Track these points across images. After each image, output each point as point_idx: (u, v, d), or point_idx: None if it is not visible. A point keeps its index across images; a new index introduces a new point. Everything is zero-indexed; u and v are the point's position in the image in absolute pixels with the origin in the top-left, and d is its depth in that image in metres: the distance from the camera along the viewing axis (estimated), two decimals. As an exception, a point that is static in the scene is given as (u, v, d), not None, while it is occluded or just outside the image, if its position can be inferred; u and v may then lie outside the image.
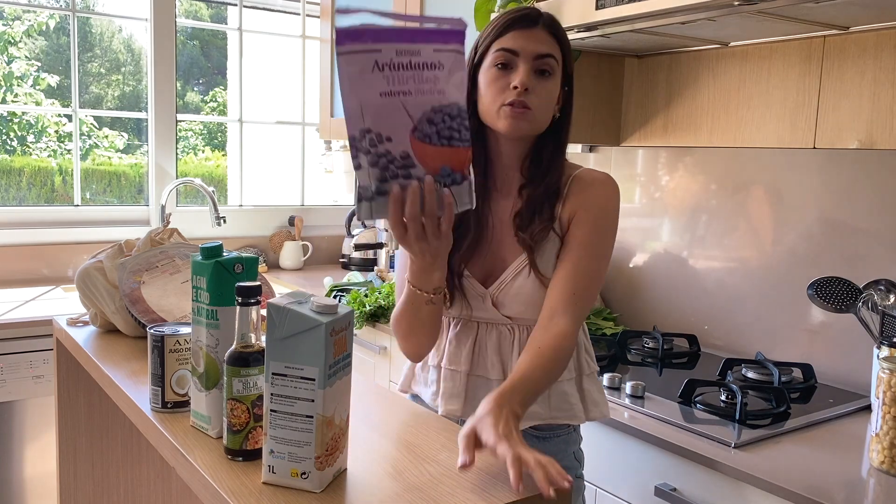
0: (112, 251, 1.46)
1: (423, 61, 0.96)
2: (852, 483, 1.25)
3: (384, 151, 0.97)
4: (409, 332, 1.24)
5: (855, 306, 1.61)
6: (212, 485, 0.84)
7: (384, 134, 0.96)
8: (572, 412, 1.29)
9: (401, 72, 0.95)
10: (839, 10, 1.50)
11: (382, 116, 0.96)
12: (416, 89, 0.96)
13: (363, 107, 0.95)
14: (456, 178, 1.01)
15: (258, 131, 3.43)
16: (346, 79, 0.94)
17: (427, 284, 1.14)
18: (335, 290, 2.51)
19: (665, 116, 2.13)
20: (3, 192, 3.57)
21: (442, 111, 0.98)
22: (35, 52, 4.62)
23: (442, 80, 0.97)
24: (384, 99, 0.95)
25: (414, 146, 0.97)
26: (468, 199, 1.02)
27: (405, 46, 0.95)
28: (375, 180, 0.98)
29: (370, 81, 0.95)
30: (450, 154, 0.99)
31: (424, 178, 0.99)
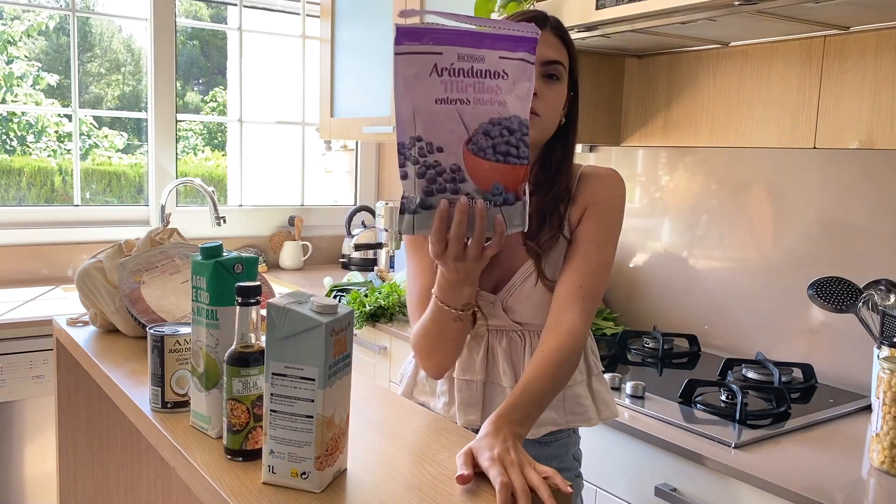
0: (112, 251, 1.46)
1: (486, 69, 0.90)
2: (852, 483, 1.25)
3: (433, 163, 0.91)
4: (434, 351, 1.19)
5: (855, 306, 1.61)
6: (212, 485, 0.84)
7: (436, 144, 0.90)
8: (586, 414, 1.29)
9: (461, 78, 0.90)
10: (839, 10, 1.50)
11: (436, 125, 0.90)
12: (476, 98, 0.90)
13: (416, 113, 0.90)
14: (508, 198, 0.94)
15: (258, 131, 3.43)
16: (402, 81, 0.89)
17: (456, 301, 1.11)
18: (335, 290, 2.51)
19: (665, 116, 2.13)
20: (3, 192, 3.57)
21: (501, 124, 0.92)
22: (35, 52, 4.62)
23: (504, 90, 0.91)
24: (440, 106, 0.90)
25: (467, 159, 0.91)
26: (520, 222, 0.96)
27: (468, 51, 0.90)
28: (421, 192, 0.92)
29: (427, 86, 0.89)
30: (504, 171, 0.92)
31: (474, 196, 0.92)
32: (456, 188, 0.92)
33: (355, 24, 2.90)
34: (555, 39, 1.21)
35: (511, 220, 0.95)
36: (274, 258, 3.20)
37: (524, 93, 0.92)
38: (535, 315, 1.25)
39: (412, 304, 1.27)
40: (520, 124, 0.92)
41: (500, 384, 1.26)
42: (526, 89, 0.92)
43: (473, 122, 0.91)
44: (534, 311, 1.25)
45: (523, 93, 0.92)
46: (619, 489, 1.52)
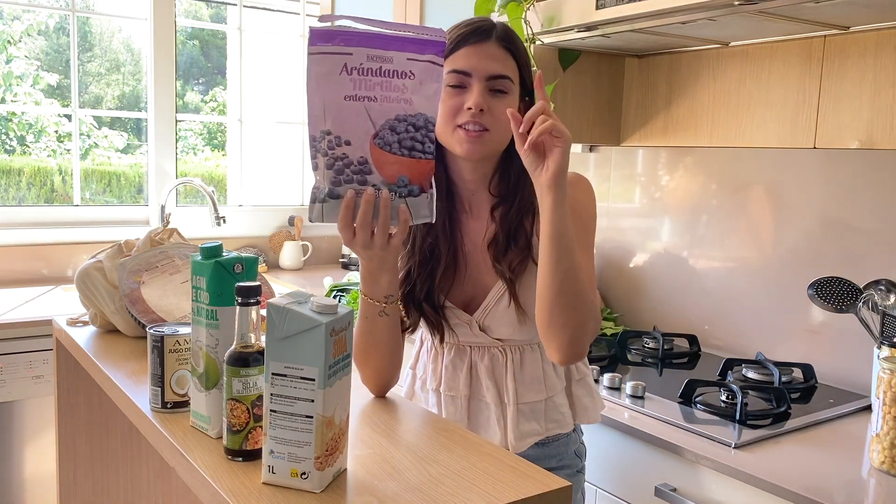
0: (112, 251, 1.46)
1: (393, 69, 0.96)
2: (852, 483, 1.25)
3: (341, 155, 0.96)
4: (368, 355, 1.15)
5: (855, 306, 1.61)
6: (212, 485, 0.84)
7: (343, 137, 0.96)
8: (563, 420, 1.29)
9: (369, 77, 0.95)
10: (839, 9, 1.50)
11: (344, 119, 0.95)
12: (383, 96, 0.96)
13: (326, 108, 0.95)
14: (413, 190, 0.99)
15: (258, 131, 3.43)
16: (314, 79, 0.94)
17: (376, 291, 1.09)
18: (335, 290, 2.51)
19: (665, 116, 2.13)
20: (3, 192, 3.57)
21: (406, 120, 0.97)
22: (35, 52, 4.62)
23: (411, 89, 0.96)
24: (348, 102, 0.95)
25: (373, 152, 0.97)
26: (427, 213, 1.01)
27: (377, 52, 0.95)
28: (329, 183, 0.97)
29: (336, 83, 0.94)
30: (409, 165, 0.98)
31: (380, 188, 0.97)
32: (363, 179, 0.98)
33: (355, 24, 2.90)
34: (500, 51, 1.17)
35: (417, 210, 1.00)
36: (274, 258, 3.20)
37: (432, 93, 0.98)
38: (513, 332, 1.25)
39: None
40: (426, 121, 0.98)
41: (484, 400, 1.27)
42: (433, 90, 0.98)
43: (380, 118, 0.96)
44: (510, 329, 1.24)
45: (431, 93, 0.98)
46: (619, 489, 1.52)
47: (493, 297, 1.24)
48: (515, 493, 0.83)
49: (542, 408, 1.27)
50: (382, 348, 1.15)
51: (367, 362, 1.16)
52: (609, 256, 2.32)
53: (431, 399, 1.32)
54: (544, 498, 0.84)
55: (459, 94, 1.16)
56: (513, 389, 1.25)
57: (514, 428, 1.25)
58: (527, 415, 1.26)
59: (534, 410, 1.27)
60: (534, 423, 1.26)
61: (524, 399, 1.26)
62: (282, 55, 3.65)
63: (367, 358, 1.16)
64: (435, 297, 1.24)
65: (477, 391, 1.28)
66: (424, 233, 1.24)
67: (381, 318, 1.12)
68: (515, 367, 1.26)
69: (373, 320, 1.12)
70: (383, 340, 1.14)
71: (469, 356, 1.28)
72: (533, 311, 1.20)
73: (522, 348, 1.27)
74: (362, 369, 1.17)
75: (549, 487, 0.85)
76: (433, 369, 1.31)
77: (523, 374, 1.26)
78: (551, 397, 1.28)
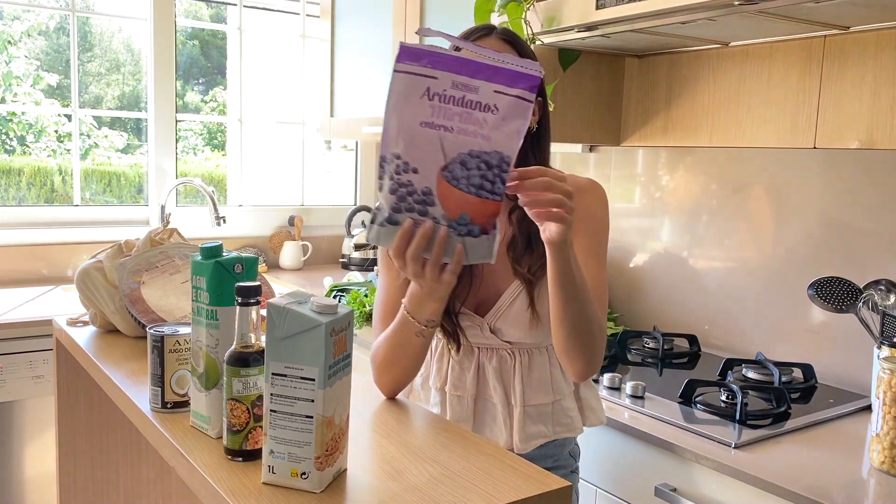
0: (112, 251, 1.46)
1: (477, 100, 0.91)
2: (852, 483, 1.25)
3: (407, 182, 0.93)
4: (392, 364, 1.17)
5: (855, 306, 1.60)
6: (212, 485, 0.84)
7: (412, 164, 0.92)
8: (572, 424, 1.30)
9: (450, 106, 0.91)
10: (839, 9, 1.50)
11: (416, 146, 0.91)
12: (459, 128, 0.91)
13: (400, 131, 0.91)
14: (473, 230, 0.95)
15: (258, 131, 3.43)
16: (394, 97, 0.91)
17: (420, 314, 1.10)
18: (335, 290, 2.51)
19: (665, 116, 2.13)
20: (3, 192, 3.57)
21: (480, 157, 0.92)
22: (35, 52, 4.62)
23: (491, 124, 0.91)
24: (423, 129, 0.91)
25: (439, 185, 0.92)
26: (486, 254, 0.96)
27: (464, 80, 0.91)
28: (390, 207, 0.94)
29: (415, 107, 0.91)
30: (474, 203, 0.93)
31: (440, 222, 0.94)
32: (424, 210, 0.94)
33: (355, 24, 2.90)
34: (502, 45, 1.19)
35: (474, 251, 0.96)
36: (274, 258, 3.19)
37: (514, 130, 0.92)
38: (524, 336, 1.25)
39: (377, 316, 1.28)
40: (500, 160, 0.93)
41: (490, 400, 1.27)
42: (516, 127, 0.92)
43: (452, 151, 0.92)
44: (522, 332, 1.25)
45: (513, 130, 0.92)
46: (619, 489, 1.52)
47: (505, 299, 1.24)
48: (515, 493, 0.83)
49: (549, 410, 1.27)
50: (408, 363, 1.16)
51: (389, 370, 1.17)
52: (609, 256, 2.31)
53: (434, 397, 1.31)
54: (544, 498, 0.84)
55: None
56: (520, 391, 1.25)
57: (520, 429, 1.25)
58: (533, 417, 1.26)
59: (540, 413, 1.27)
60: (540, 425, 1.27)
61: (531, 401, 1.26)
62: (282, 55, 3.65)
63: (389, 367, 1.17)
64: (451, 305, 1.25)
65: (484, 391, 1.28)
66: None
67: (416, 338, 1.13)
68: (524, 370, 1.26)
69: (408, 337, 1.13)
70: (411, 357, 1.16)
71: (477, 357, 1.28)
72: (546, 316, 1.21)
73: (531, 351, 1.27)
74: (380, 374, 1.19)
75: (549, 487, 0.85)
76: (438, 368, 1.31)
77: (531, 377, 1.26)
78: (559, 400, 1.28)
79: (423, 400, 1.34)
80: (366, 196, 3.48)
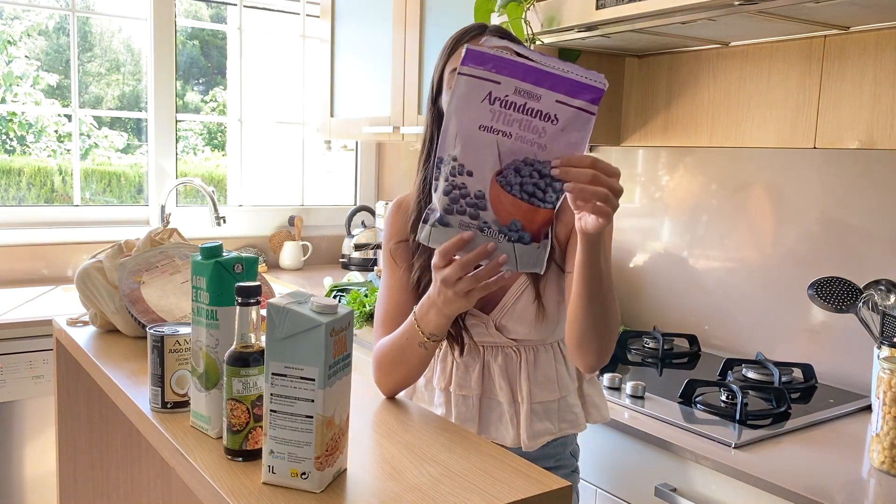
0: (112, 251, 1.46)
1: (538, 109, 0.91)
2: (852, 483, 1.25)
3: (461, 184, 0.93)
4: (393, 370, 1.17)
5: (855, 306, 1.60)
6: (212, 485, 0.84)
7: (467, 167, 0.93)
8: (576, 421, 1.30)
9: (511, 112, 0.91)
10: (839, 9, 1.50)
11: (473, 149, 0.92)
12: (518, 135, 0.92)
13: (459, 133, 0.92)
14: (524, 237, 0.95)
15: (258, 131, 3.43)
16: (455, 100, 0.92)
17: (426, 324, 1.10)
18: (335, 290, 2.51)
19: (665, 116, 2.13)
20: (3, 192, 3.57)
21: (533, 165, 0.93)
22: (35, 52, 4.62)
23: (549, 134, 0.92)
24: (481, 133, 0.92)
25: (492, 189, 0.93)
26: (536, 262, 0.96)
27: (527, 87, 0.91)
28: (442, 209, 0.95)
29: (476, 110, 0.91)
30: (526, 210, 0.94)
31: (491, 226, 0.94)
32: (476, 214, 0.95)
33: (355, 24, 2.90)
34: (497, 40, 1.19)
35: (524, 258, 0.96)
36: (274, 258, 3.19)
37: (574, 142, 0.92)
38: (529, 332, 1.25)
39: (378, 320, 1.28)
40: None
41: (496, 399, 1.27)
42: (576, 139, 0.92)
43: (508, 157, 0.92)
44: (527, 329, 1.25)
45: (572, 141, 0.92)
46: (619, 489, 1.52)
47: (511, 295, 1.25)
48: (515, 493, 0.83)
49: (555, 407, 1.28)
50: (408, 370, 1.17)
51: (390, 374, 1.18)
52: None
53: (438, 398, 1.31)
54: (544, 498, 0.84)
55: None
56: (526, 389, 1.25)
57: (527, 427, 1.25)
58: (540, 414, 1.26)
59: (547, 410, 1.27)
60: (546, 422, 1.27)
61: (537, 398, 1.26)
62: (282, 55, 3.65)
63: (391, 371, 1.17)
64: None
65: (489, 390, 1.27)
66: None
67: (419, 349, 1.13)
68: (529, 367, 1.26)
69: (411, 345, 1.13)
70: (412, 365, 1.16)
71: (482, 356, 1.28)
72: (553, 310, 1.22)
73: (536, 348, 1.27)
74: (381, 378, 1.19)
75: (549, 487, 0.85)
76: (442, 368, 1.31)
77: (537, 374, 1.26)
78: (564, 397, 1.29)
79: (426, 401, 1.33)
80: (365, 196, 3.48)
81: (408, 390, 1.37)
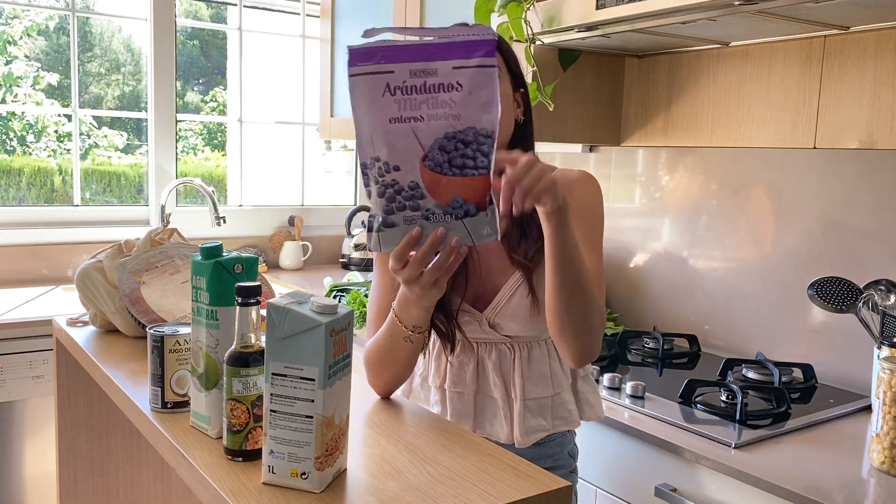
0: (112, 251, 1.46)
1: (438, 82, 0.90)
2: (852, 483, 1.25)
3: (391, 181, 0.92)
4: (383, 369, 1.17)
5: (855, 306, 1.60)
6: (212, 485, 0.84)
7: (392, 163, 0.91)
8: (570, 418, 1.30)
9: (413, 96, 0.90)
10: (839, 9, 1.50)
11: (391, 144, 0.91)
12: (429, 115, 0.91)
13: (374, 133, 0.91)
14: (470, 210, 0.94)
15: (258, 131, 3.43)
16: (358, 103, 0.90)
17: (407, 319, 1.11)
18: (335, 290, 2.51)
19: (665, 116, 2.13)
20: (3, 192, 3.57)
21: (455, 138, 0.91)
22: (35, 52, 4.62)
23: (459, 103, 0.91)
24: (394, 125, 0.91)
25: (424, 176, 0.92)
26: (489, 231, 0.95)
27: (420, 66, 0.90)
28: (382, 211, 0.94)
29: (381, 106, 0.90)
30: (462, 184, 0.92)
31: (434, 212, 0.93)
32: (416, 205, 0.93)
33: (355, 24, 2.90)
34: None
35: (476, 230, 0.95)
36: (274, 258, 3.19)
37: (484, 100, 0.91)
38: (523, 329, 1.25)
39: (370, 319, 1.29)
40: (475, 135, 0.92)
41: (491, 395, 1.27)
42: (486, 97, 0.91)
43: (428, 139, 0.91)
44: (521, 325, 1.25)
45: (483, 101, 0.91)
46: (619, 489, 1.52)
47: (505, 293, 1.24)
48: (515, 493, 0.83)
49: (548, 404, 1.28)
50: (398, 368, 1.17)
51: (380, 374, 1.18)
52: (609, 256, 2.32)
53: (434, 395, 1.31)
54: (544, 498, 0.84)
55: None
56: (520, 385, 1.25)
57: (520, 423, 1.25)
58: (533, 410, 1.26)
59: (540, 406, 1.27)
60: (540, 419, 1.27)
61: (531, 395, 1.26)
62: (282, 55, 3.65)
63: (380, 370, 1.18)
64: (448, 306, 1.25)
65: (484, 386, 1.28)
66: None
67: (405, 343, 1.13)
68: (523, 363, 1.26)
69: (397, 341, 1.14)
70: (401, 361, 1.16)
71: (476, 353, 1.28)
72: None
73: (530, 344, 1.27)
74: (373, 378, 1.20)
75: (550, 487, 0.85)
76: (437, 366, 1.31)
77: (531, 370, 1.26)
78: (558, 393, 1.28)
79: (422, 399, 1.33)
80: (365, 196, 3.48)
81: (404, 389, 1.37)
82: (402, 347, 1.14)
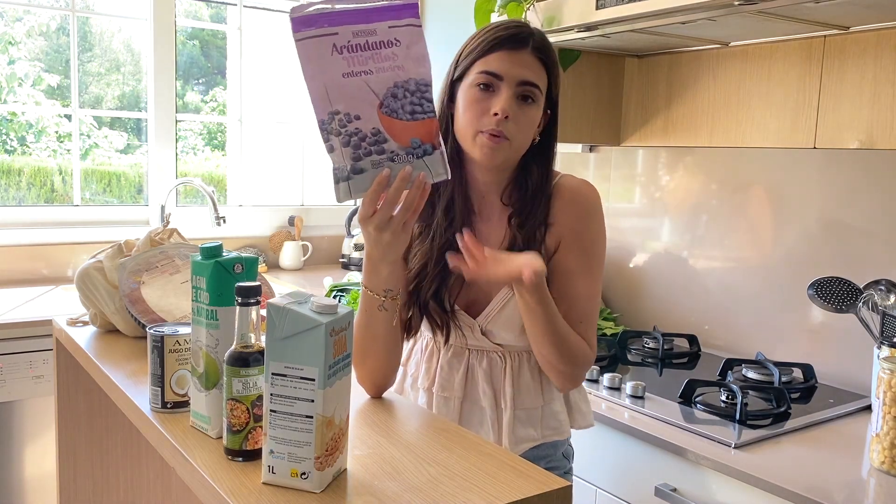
0: (112, 251, 1.46)
1: (379, 40, 0.98)
2: (852, 483, 1.25)
3: (355, 130, 0.99)
4: (364, 351, 1.15)
5: (855, 306, 1.61)
6: (212, 485, 0.84)
7: (353, 113, 0.99)
8: (560, 428, 1.30)
9: (359, 53, 0.98)
10: (839, 9, 1.50)
11: (349, 96, 0.98)
12: (377, 68, 0.99)
13: (328, 90, 0.98)
14: (427, 149, 1.02)
15: (258, 131, 3.43)
16: (307, 64, 0.97)
17: (376, 283, 1.11)
18: (335, 290, 2.51)
19: (665, 116, 2.13)
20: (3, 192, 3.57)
21: (402, 87, 1.00)
22: (35, 53, 4.62)
23: (401, 56, 0.99)
24: (348, 79, 0.98)
25: (383, 121, 1.00)
26: (443, 170, 1.03)
27: (361, 27, 0.98)
28: (350, 159, 1.00)
29: (331, 64, 0.97)
30: (416, 127, 1.01)
31: (398, 153, 1.00)
32: (381, 149, 1.01)
33: (355, 24, 2.90)
34: (534, 61, 1.18)
35: (435, 168, 1.03)
36: (274, 258, 3.19)
37: (419, 55, 1.00)
38: (515, 339, 1.25)
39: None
40: (416, 84, 1.00)
41: (479, 404, 1.26)
42: (420, 51, 1.00)
43: (381, 88, 0.99)
44: (513, 335, 1.24)
45: (418, 55, 1.00)
46: (619, 489, 1.52)
47: (497, 302, 1.24)
48: (515, 493, 0.83)
49: (538, 414, 1.27)
50: (379, 346, 1.16)
51: (364, 360, 1.16)
52: (609, 256, 2.32)
53: (422, 398, 1.31)
54: (544, 498, 0.84)
55: (487, 97, 1.17)
56: (510, 395, 1.25)
57: (509, 433, 1.25)
58: (523, 420, 1.26)
59: (530, 416, 1.26)
60: (530, 428, 1.26)
61: (521, 405, 1.26)
62: (282, 55, 3.65)
63: (363, 355, 1.16)
64: (444, 298, 1.24)
65: (472, 394, 1.27)
66: (444, 229, 1.24)
67: (380, 313, 1.13)
68: (514, 373, 1.26)
69: (371, 314, 1.13)
70: (380, 336, 1.15)
71: (467, 359, 1.27)
72: None
73: (522, 354, 1.26)
74: (359, 368, 1.18)
75: (550, 487, 0.85)
76: (427, 368, 1.30)
77: (521, 380, 1.26)
78: (548, 403, 1.28)
79: (412, 401, 1.33)
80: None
81: (396, 390, 1.36)
82: (379, 320, 1.13)
